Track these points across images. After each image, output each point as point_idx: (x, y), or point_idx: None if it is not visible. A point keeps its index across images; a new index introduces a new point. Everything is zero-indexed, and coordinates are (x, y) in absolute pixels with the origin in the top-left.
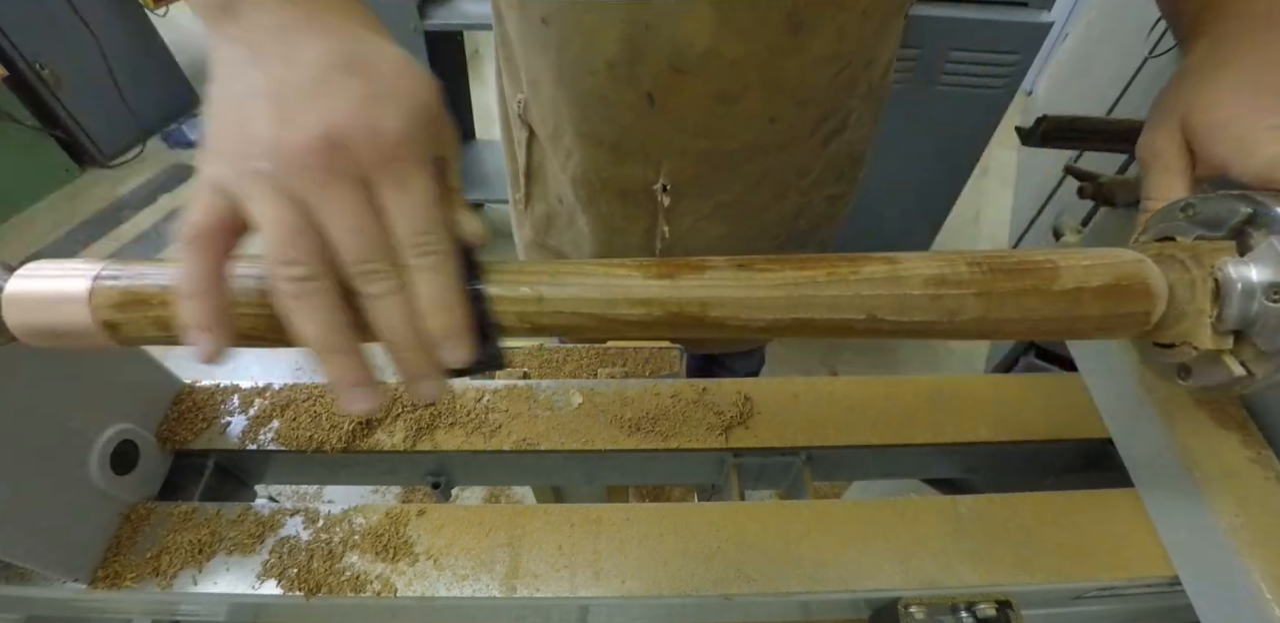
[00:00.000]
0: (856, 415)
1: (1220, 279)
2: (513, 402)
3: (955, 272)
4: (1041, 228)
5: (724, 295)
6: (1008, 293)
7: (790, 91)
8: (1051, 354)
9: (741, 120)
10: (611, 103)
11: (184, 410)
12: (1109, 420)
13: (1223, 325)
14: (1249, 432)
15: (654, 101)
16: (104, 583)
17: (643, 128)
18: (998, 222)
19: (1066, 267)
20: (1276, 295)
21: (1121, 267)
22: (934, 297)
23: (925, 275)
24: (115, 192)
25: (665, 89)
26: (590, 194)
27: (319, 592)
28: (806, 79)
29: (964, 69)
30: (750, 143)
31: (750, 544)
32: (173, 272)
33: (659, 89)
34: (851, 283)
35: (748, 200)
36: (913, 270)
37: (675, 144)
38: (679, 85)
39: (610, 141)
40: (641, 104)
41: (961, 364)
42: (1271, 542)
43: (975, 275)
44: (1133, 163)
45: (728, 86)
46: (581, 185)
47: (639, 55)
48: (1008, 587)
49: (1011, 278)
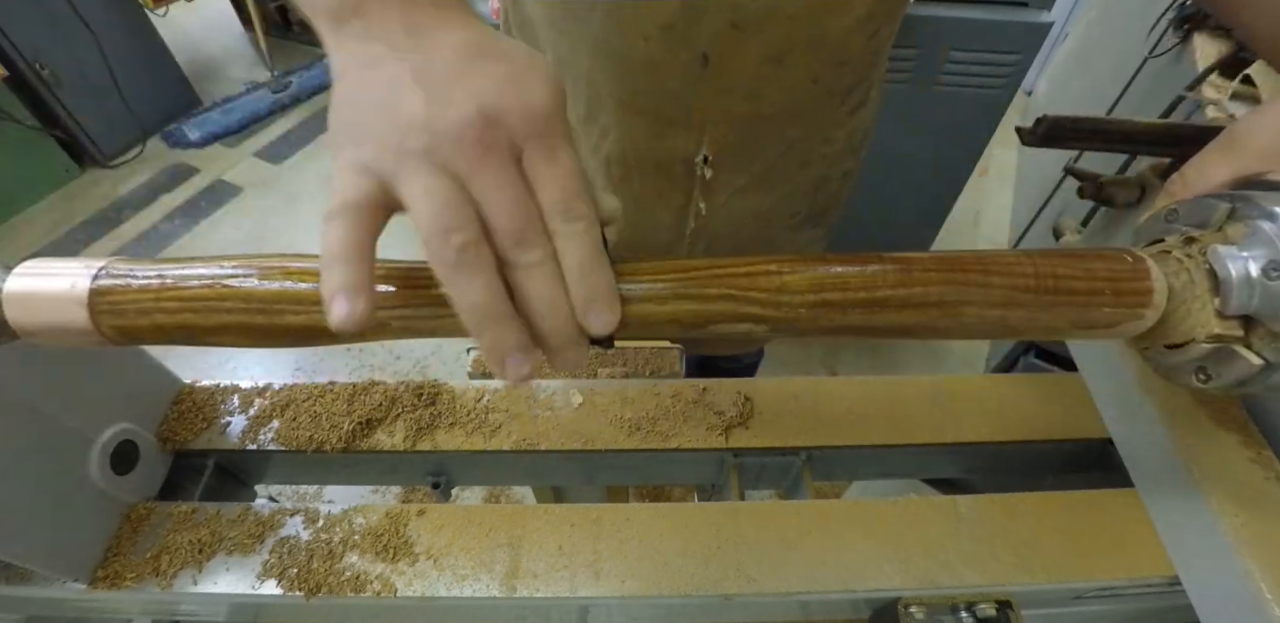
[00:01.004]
0: (856, 415)
1: (1214, 264)
2: (513, 402)
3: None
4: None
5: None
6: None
7: (832, 51)
8: (1051, 354)
9: (786, 81)
10: (662, 67)
11: (184, 410)
12: (1109, 420)
13: (1227, 309)
14: (1249, 432)
15: (708, 62)
16: (104, 583)
17: (691, 92)
18: (998, 222)
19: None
20: (1275, 273)
21: (1118, 284)
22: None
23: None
24: (115, 192)
25: (721, 48)
26: (625, 172)
27: (319, 592)
28: (848, 39)
29: (964, 69)
30: (790, 107)
31: (750, 544)
32: (172, 271)
33: (715, 48)
34: (877, 330)
35: (778, 169)
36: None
37: (721, 108)
38: (735, 43)
39: (653, 110)
40: (695, 66)
41: (961, 364)
42: (1271, 542)
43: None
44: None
45: (777, 45)
46: (617, 164)
47: (700, 13)
48: (1008, 587)
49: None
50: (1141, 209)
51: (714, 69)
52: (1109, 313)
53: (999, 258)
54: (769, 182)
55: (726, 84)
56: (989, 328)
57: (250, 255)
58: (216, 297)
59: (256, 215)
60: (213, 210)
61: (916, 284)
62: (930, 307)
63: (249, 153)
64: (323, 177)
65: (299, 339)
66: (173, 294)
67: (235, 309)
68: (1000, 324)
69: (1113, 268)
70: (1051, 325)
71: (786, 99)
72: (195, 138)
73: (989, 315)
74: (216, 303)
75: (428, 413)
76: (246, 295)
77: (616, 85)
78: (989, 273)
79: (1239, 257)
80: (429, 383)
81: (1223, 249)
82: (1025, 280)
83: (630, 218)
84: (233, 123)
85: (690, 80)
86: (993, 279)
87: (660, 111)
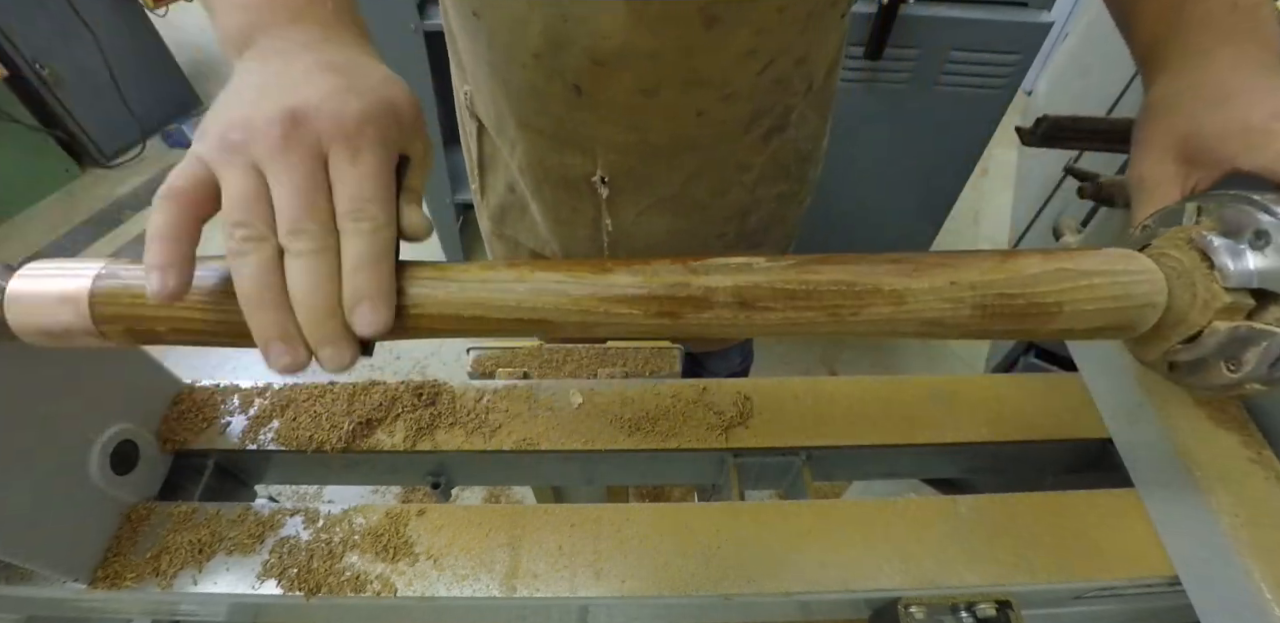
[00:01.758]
0: (856, 415)
1: (1203, 247)
2: (513, 402)
3: (956, 315)
4: (1041, 228)
5: (723, 332)
6: (998, 333)
7: (714, 86)
8: (1051, 354)
9: (665, 113)
10: (543, 93)
11: (184, 410)
12: (1109, 420)
13: (1228, 280)
14: (1249, 432)
15: (581, 92)
16: (104, 583)
17: (574, 118)
18: (998, 222)
19: (1070, 312)
20: (1261, 241)
21: (1124, 312)
22: (923, 333)
23: (924, 319)
24: (115, 192)
25: (589, 81)
26: (536, 183)
27: (319, 592)
28: (729, 74)
29: (964, 69)
30: (679, 137)
31: (750, 544)
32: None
33: (584, 80)
34: (849, 323)
35: (688, 195)
36: (914, 314)
37: (605, 135)
38: (601, 77)
39: (548, 131)
40: (570, 95)
41: (961, 364)
42: (1271, 542)
43: (974, 318)
44: None
45: (648, 79)
46: (528, 174)
47: (561, 47)
48: (1008, 587)
49: (1008, 321)
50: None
51: (588, 99)
52: (1105, 330)
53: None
54: (679, 206)
55: (605, 114)
56: (976, 341)
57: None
58: (216, 297)
59: None
60: None
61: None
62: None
63: None
64: None
65: None
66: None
67: (235, 309)
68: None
69: (1118, 313)
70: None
71: (673, 130)
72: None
73: (978, 337)
74: (216, 303)
75: (428, 413)
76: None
77: (513, 105)
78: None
79: (1222, 235)
80: (429, 383)
81: (1206, 233)
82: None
83: (550, 227)
84: None
85: (571, 106)
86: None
87: (554, 133)
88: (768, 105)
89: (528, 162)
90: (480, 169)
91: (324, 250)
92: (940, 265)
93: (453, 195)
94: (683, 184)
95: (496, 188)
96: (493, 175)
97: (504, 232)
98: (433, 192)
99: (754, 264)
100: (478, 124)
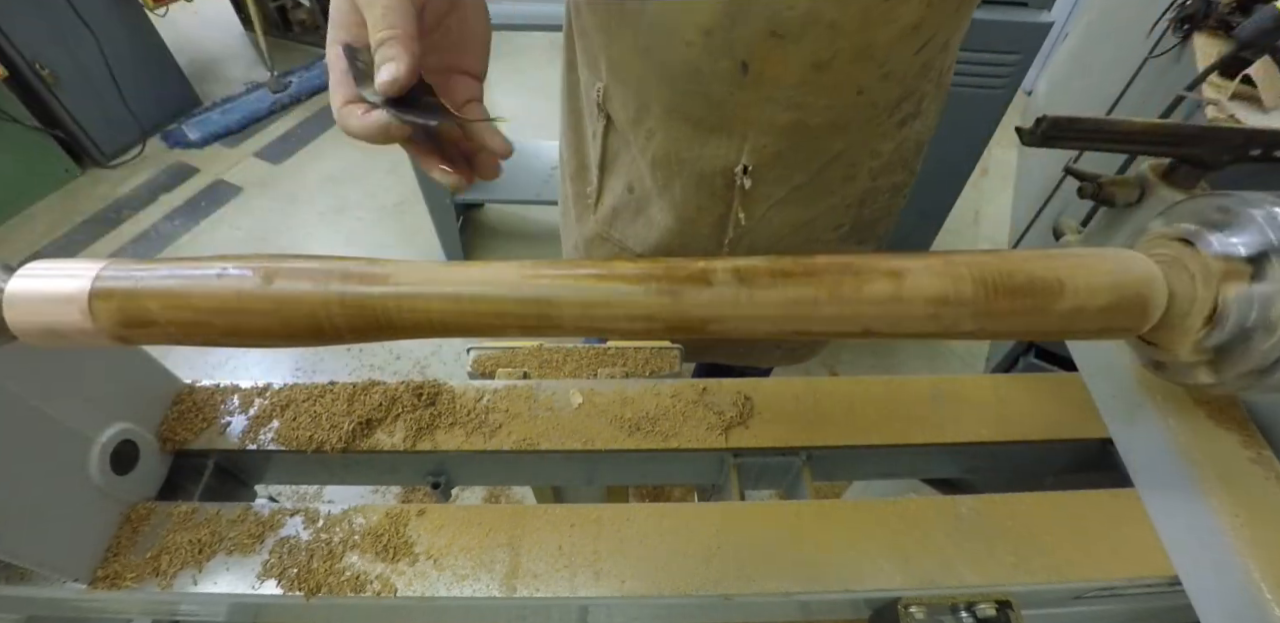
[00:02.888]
0: (856, 415)
1: (1173, 233)
2: (513, 402)
3: (959, 291)
4: (1041, 228)
5: (724, 314)
6: (1007, 312)
7: (878, 61)
8: (1051, 354)
9: (830, 91)
10: (704, 74)
11: (184, 410)
12: (1109, 420)
13: (1206, 343)
14: (1249, 432)
15: (748, 70)
16: (104, 583)
17: (733, 99)
18: (998, 222)
19: (1073, 288)
20: (1227, 217)
21: (1127, 286)
22: (932, 315)
23: (928, 296)
24: (115, 192)
25: (761, 56)
26: (667, 178)
27: (319, 592)
28: (894, 51)
29: (964, 69)
30: (836, 117)
31: (750, 544)
32: (172, 271)
33: (754, 56)
34: (852, 303)
35: (820, 182)
36: (917, 290)
37: (763, 117)
38: (775, 52)
39: (697, 117)
40: (735, 73)
41: (961, 364)
42: (1271, 542)
43: (979, 294)
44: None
45: (822, 52)
46: (660, 168)
47: (738, 21)
48: (1008, 587)
49: (1015, 298)
50: (1141, 209)
51: (754, 77)
52: (1103, 330)
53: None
54: (810, 194)
55: (767, 93)
56: (983, 336)
57: (250, 255)
58: (216, 297)
59: (256, 215)
60: (213, 210)
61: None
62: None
63: (249, 153)
64: (322, 177)
65: (299, 339)
66: (173, 294)
67: (235, 309)
68: (993, 335)
69: (1118, 291)
70: (1046, 336)
71: (830, 110)
72: (195, 138)
73: (986, 329)
74: (216, 303)
75: (428, 413)
76: (246, 295)
77: (662, 90)
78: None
79: (1195, 224)
80: (429, 383)
81: (1179, 224)
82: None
83: (671, 225)
84: (232, 123)
85: (731, 88)
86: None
87: (704, 118)
88: (912, 89)
89: (663, 153)
90: (601, 169)
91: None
92: (934, 254)
93: (453, 195)
94: (819, 169)
95: (615, 189)
96: (613, 176)
97: (611, 234)
98: (433, 192)
99: (754, 257)
100: (606, 121)
